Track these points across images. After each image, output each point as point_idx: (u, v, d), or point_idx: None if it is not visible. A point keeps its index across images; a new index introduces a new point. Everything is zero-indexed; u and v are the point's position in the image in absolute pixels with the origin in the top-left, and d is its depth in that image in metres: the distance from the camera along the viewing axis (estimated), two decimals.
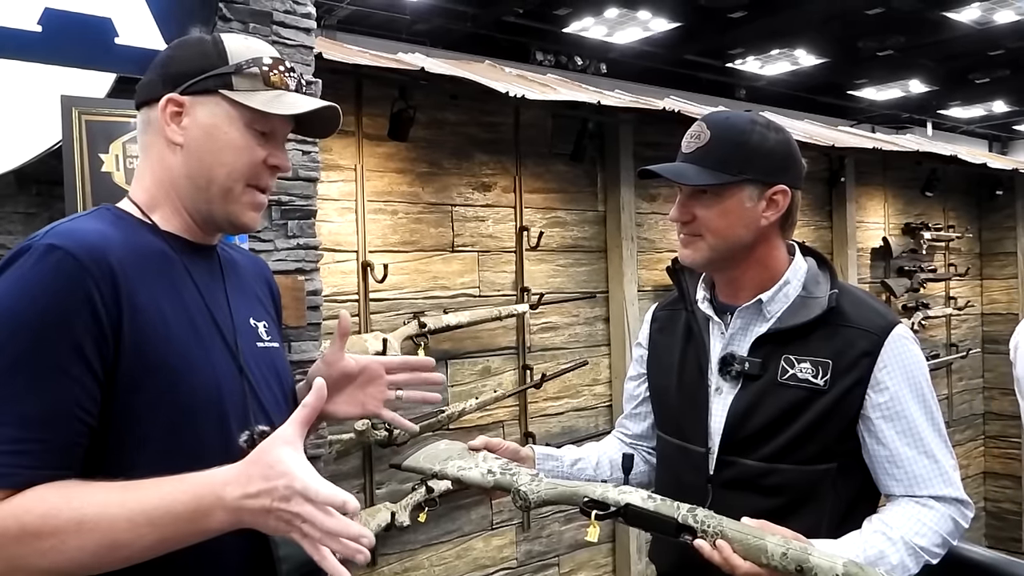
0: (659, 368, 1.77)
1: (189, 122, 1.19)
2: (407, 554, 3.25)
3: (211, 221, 1.24)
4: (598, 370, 3.93)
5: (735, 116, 1.59)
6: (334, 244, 3.06)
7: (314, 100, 1.24)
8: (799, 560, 1.22)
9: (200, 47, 1.22)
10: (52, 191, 2.02)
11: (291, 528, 1.00)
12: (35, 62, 1.95)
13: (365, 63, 2.92)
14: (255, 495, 1.00)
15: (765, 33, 10.63)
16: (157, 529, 1.00)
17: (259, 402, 1.22)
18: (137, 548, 1.00)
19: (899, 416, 1.50)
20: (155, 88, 1.21)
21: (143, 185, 1.24)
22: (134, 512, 0.99)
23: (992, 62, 12.07)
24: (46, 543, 0.97)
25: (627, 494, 1.33)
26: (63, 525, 0.97)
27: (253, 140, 1.21)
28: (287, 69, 1.24)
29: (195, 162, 1.20)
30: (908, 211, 5.57)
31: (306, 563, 1.19)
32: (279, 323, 1.43)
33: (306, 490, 0.99)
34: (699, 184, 1.52)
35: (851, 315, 1.54)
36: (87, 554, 0.99)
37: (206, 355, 1.16)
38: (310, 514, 0.99)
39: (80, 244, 1.06)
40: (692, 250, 1.58)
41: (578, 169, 3.82)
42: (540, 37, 10.43)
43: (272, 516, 1.00)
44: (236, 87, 1.20)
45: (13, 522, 0.97)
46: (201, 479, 1.02)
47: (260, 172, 1.23)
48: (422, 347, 3.14)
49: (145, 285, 1.10)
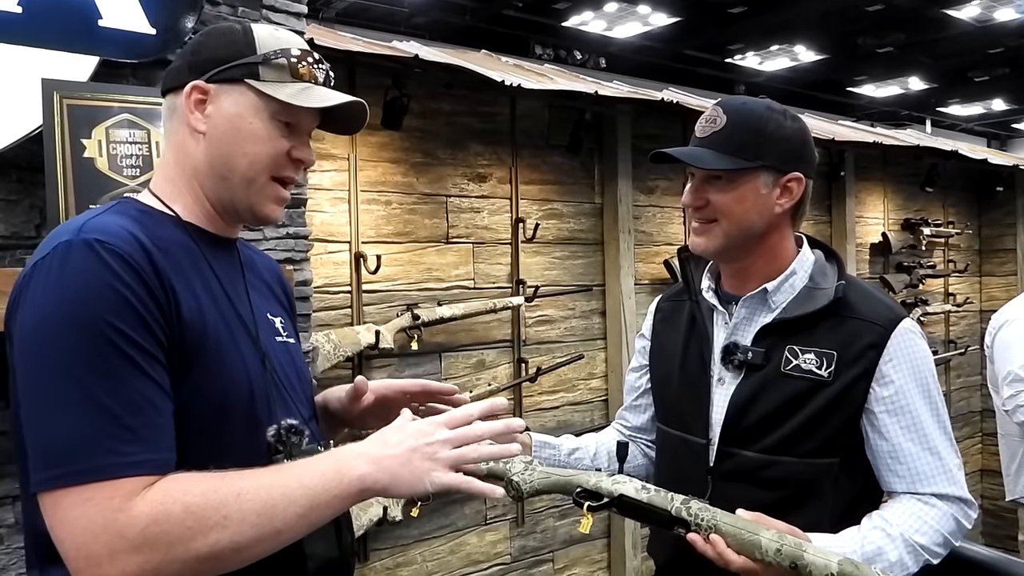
0: (661, 358, 1.75)
1: (213, 110, 1.18)
2: (399, 549, 3.21)
3: (232, 211, 1.23)
4: (594, 364, 3.89)
5: (752, 102, 1.57)
6: (326, 235, 3.02)
7: (342, 95, 1.23)
8: (793, 557, 1.20)
9: (229, 35, 1.21)
10: (33, 177, 1.97)
11: (435, 464, 1.06)
12: (15, 44, 1.90)
13: (358, 50, 2.87)
14: (396, 443, 1.07)
15: (764, 29, 10.60)
16: (308, 490, 1.02)
17: (283, 396, 1.23)
18: (291, 516, 1.01)
19: (903, 411, 1.47)
20: (181, 75, 1.20)
21: (166, 173, 1.23)
22: (284, 478, 1.02)
23: (992, 60, 12.04)
24: (211, 519, 0.97)
25: (621, 484, 1.29)
26: (224, 497, 0.98)
27: (277, 131, 1.20)
28: (315, 61, 1.22)
29: (217, 151, 1.19)
30: (908, 207, 5.54)
31: (331, 559, 1.22)
32: (294, 319, 1.44)
33: (450, 418, 1.10)
34: (717, 169, 1.50)
35: (858, 307, 1.51)
36: (248, 526, 0.98)
37: (236, 347, 1.16)
38: (461, 433, 1.09)
39: (119, 237, 1.06)
40: (707, 238, 1.55)
41: (575, 161, 3.78)
42: (539, 31, 10.39)
43: (417, 455, 1.05)
44: (263, 77, 1.18)
45: (176, 505, 0.97)
46: (340, 448, 1.10)
47: (283, 164, 1.21)
48: (415, 339, 3.10)
49: (178, 277, 1.10)
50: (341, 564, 1.24)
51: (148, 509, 0.95)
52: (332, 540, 1.21)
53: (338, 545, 1.23)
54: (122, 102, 1.99)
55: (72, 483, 0.95)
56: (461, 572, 3.40)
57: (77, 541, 0.95)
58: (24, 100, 1.90)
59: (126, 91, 2.01)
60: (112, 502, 0.95)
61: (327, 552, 1.20)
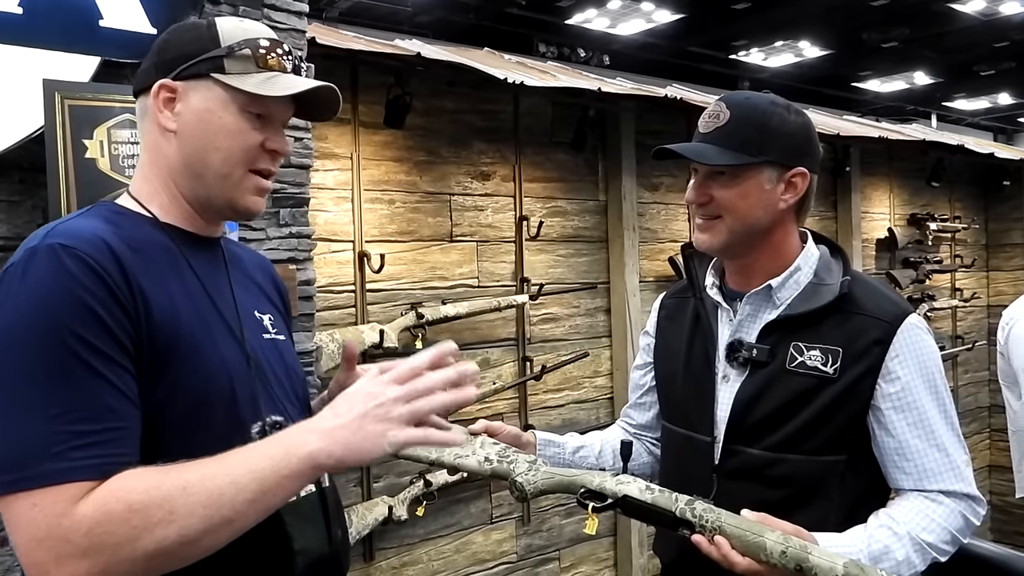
0: (666, 356, 1.74)
1: (182, 107, 1.17)
2: (405, 548, 3.20)
3: (211, 208, 1.22)
4: (599, 362, 3.88)
5: (755, 97, 1.55)
6: (330, 234, 3.01)
7: (309, 80, 1.22)
8: (798, 559, 1.18)
9: (193, 31, 1.20)
10: (36, 178, 1.97)
11: (388, 425, 1.02)
12: (17, 45, 1.90)
13: (360, 48, 2.86)
14: (345, 412, 1.03)
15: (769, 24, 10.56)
16: (256, 475, 0.99)
17: (269, 393, 1.21)
18: (240, 503, 0.99)
19: (910, 407, 1.46)
20: (149, 75, 1.20)
21: (142, 174, 1.22)
22: (231, 465, 0.99)
23: (997, 54, 11.98)
24: (155, 516, 0.95)
25: (625, 485, 1.28)
26: (168, 492, 0.96)
27: (248, 124, 1.18)
28: (284, 51, 1.21)
29: (189, 148, 1.18)
30: (914, 201, 5.51)
31: (320, 555, 1.20)
32: (287, 318, 1.42)
33: (398, 374, 1.05)
34: (720, 164, 1.48)
35: (863, 303, 1.49)
36: (196, 519, 0.97)
37: (215, 346, 1.14)
38: (411, 388, 1.04)
39: (85, 240, 1.05)
40: (711, 234, 1.53)
41: (579, 158, 3.77)
42: (543, 29, 10.37)
43: (368, 420, 1.02)
44: (228, 70, 1.17)
45: (117, 503, 0.95)
46: (288, 429, 1.06)
47: (258, 156, 1.20)
48: (420, 338, 3.09)
49: (150, 278, 1.09)
50: (332, 559, 1.23)
51: (91, 512, 0.94)
52: (323, 536, 1.21)
53: (328, 541, 1.21)
54: (123, 102, 1.98)
55: (21, 488, 0.95)
56: (467, 571, 3.40)
57: (25, 547, 0.95)
58: (26, 101, 1.90)
59: (127, 91, 2.00)
60: (56, 507, 0.94)
61: (318, 548, 1.19)
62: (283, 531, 1.14)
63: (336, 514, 1.26)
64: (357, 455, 1.02)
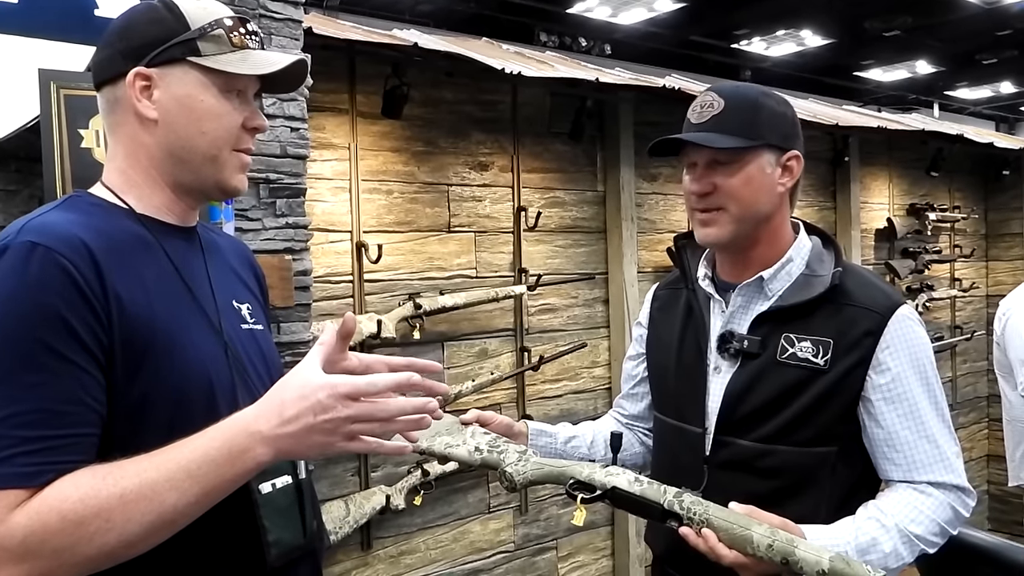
0: (658, 347, 1.74)
1: (160, 95, 1.15)
2: (403, 537, 3.22)
3: (197, 191, 1.22)
4: (597, 352, 3.88)
5: (743, 85, 1.58)
6: (328, 224, 3.01)
7: (283, 55, 1.22)
8: (785, 553, 1.19)
9: (154, 14, 1.17)
10: (32, 168, 1.98)
11: (334, 438, 1.01)
12: (12, 34, 1.91)
13: (357, 39, 2.86)
14: (293, 418, 1.00)
15: (771, 13, 10.53)
16: (197, 481, 0.98)
17: (247, 384, 1.20)
18: (183, 507, 0.99)
19: (900, 398, 1.46)
20: (115, 64, 1.16)
21: (116, 166, 1.20)
22: (171, 471, 0.98)
23: (1000, 43, 11.95)
24: (91, 526, 0.95)
25: (614, 476, 1.29)
26: (105, 502, 0.96)
27: (230, 105, 1.18)
28: (248, 29, 1.21)
29: (173, 135, 1.16)
30: (913, 191, 5.50)
31: (295, 547, 1.20)
32: (265, 306, 1.41)
33: (355, 389, 1.00)
34: (727, 147, 1.47)
35: (855, 294, 1.50)
36: (135, 525, 0.97)
37: (192, 338, 1.14)
38: (365, 411, 1.00)
39: (58, 237, 1.03)
40: (716, 228, 1.52)
41: (577, 148, 3.77)
42: (544, 18, 10.34)
43: (316, 432, 1.00)
44: (203, 52, 1.16)
45: (52, 514, 0.95)
46: (229, 424, 1.02)
47: (241, 136, 1.20)
48: (417, 328, 3.10)
49: (125, 271, 1.08)
50: (306, 550, 1.24)
51: (24, 521, 0.94)
52: (297, 527, 1.21)
53: (303, 532, 1.22)
54: None
55: None
56: (464, 560, 3.42)
57: None
58: (22, 90, 1.91)
59: None
60: None
61: (291, 539, 1.18)
62: (257, 523, 1.14)
63: (312, 505, 1.26)
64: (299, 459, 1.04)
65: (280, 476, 1.18)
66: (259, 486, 1.15)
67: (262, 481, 1.15)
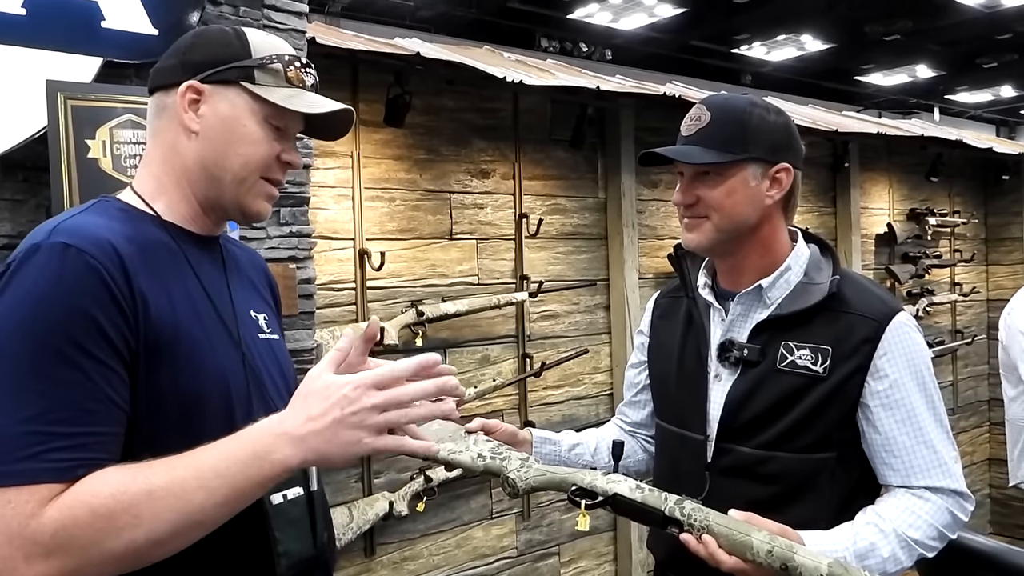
0: (660, 355, 1.76)
1: (207, 110, 1.20)
2: (406, 544, 3.23)
3: (220, 208, 1.24)
4: (599, 358, 3.90)
5: (734, 98, 1.59)
6: (330, 232, 3.03)
7: (333, 102, 1.25)
8: (784, 559, 1.20)
9: (224, 37, 1.22)
10: (39, 177, 1.99)
11: (362, 433, 1.02)
12: (19, 46, 1.93)
13: (360, 48, 2.88)
14: (320, 415, 1.01)
15: (771, 18, 10.56)
16: (226, 480, 1.00)
17: (263, 393, 1.22)
18: (210, 507, 1.00)
19: (898, 404, 1.48)
20: (174, 73, 1.21)
21: (151, 171, 1.24)
22: (200, 470, 1.00)
23: (1000, 46, 11.97)
24: (120, 520, 0.97)
25: (615, 483, 1.30)
26: (134, 497, 0.97)
27: (270, 134, 1.22)
28: (304, 66, 1.24)
29: (210, 151, 1.20)
30: (913, 196, 5.51)
31: (305, 558, 1.22)
32: (279, 316, 1.45)
33: (378, 379, 1.03)
34: (704, 163, 1.50)
35: (852, 301, 1.51)
36: (163, 523, 0.98)
37: (212, 346, 1.16)
38: (390, 397, 1.02)
39: (89, 240, 1.06)
40: (697, 233, 1.55)
41: (578, 155, 3.79)
42: (544, 23, 10.38)
43: (344, 427, 1.01)
44: (258, 81, 1.20)
45: (82, 508, 0.96)
46: (257, 427, 1.04)
47: (273, 166, 1.23)
48: (420, 335, 3.12)
49: (151, 277, 1.10)
50: (318, 561, 1.25)
51: (56, 515, 0.96)
52: (308, 538, 1.22)
53: (314, 543, 1.23)
54: (125, 103, 2.01)
55: None
56: (467, 566, 3.43)
57: None
58: (29, 101, 1.93)
59: (129, 92, 2.03)
60: (27, 507, 0.95)
61: (302, 550, 1.20)
62: (268, 533, 1.15)
63: (323, 516, 1.27)
64: (328, 463, 1.04)
65: (292, 487, 1.20)
66: (270, 497, 1.16)
67: (274, 492, 1.16)
